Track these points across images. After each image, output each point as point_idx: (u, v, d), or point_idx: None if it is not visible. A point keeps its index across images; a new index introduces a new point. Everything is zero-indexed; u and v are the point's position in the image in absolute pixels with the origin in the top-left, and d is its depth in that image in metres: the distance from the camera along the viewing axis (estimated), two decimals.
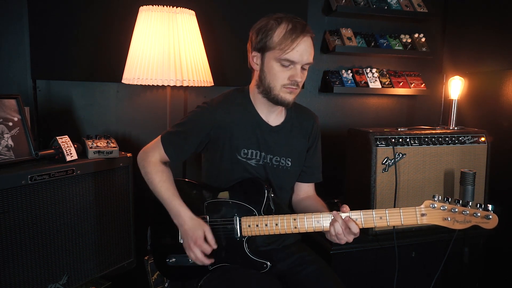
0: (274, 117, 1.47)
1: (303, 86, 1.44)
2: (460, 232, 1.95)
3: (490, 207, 1.17)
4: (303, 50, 1.31)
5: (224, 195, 1.42)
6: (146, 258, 1.89)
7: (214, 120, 1.40)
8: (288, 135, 1.49)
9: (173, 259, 1.44)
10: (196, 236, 1.32)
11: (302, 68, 1.35)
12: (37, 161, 1.75)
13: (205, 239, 1.33)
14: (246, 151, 1.43)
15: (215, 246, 1.34)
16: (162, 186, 1.39)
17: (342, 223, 1.24)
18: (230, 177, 1.44)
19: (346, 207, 1.27)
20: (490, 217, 1.16)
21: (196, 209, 1.38)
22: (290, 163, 1.48)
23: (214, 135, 1.42)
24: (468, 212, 1.18)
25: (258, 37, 1.35)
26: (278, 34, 1.31)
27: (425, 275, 2.00)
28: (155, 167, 1.42)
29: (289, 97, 1.37)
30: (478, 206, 1.18)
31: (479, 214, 1.17)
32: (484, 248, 2.14)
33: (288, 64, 1.32)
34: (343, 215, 1.25)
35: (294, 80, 1.33)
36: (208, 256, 1.34)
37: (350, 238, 1.25)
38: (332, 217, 1.26)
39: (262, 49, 1.35)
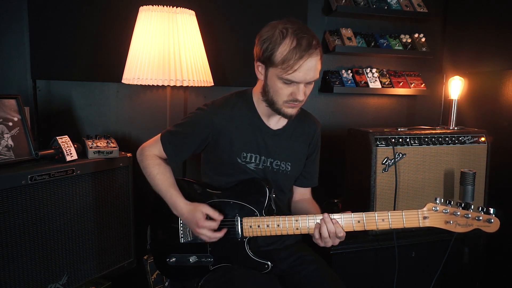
0: (276, 120, 1.47)
1: None
2: (461, 233, 1.94)
3: (492, 210, 1.17)
4: (306, 70, 1.26)
5: (218, 192, 1.42)
6: (145, 257, 1.89)
7: (214, 123, 1.40)
8: (289, 139, 1.49)
9: (173, 259, 1.44)
10: (196, 219, 1.31)
11: (308, 83, 1.32)
12: (37, 161, 1.75)
13: (208, 217, 1.33)
14: (245, 154, 1.42)
15: (220, 217, 1.33)
16: (160, 178, 1.40)
17: (331, 227, 1.24)
18: (229, 179, 1.44)
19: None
20: (492, 220, 1.16)
21: None
22: (290, 167, 1.48)
23: (213, 138, 1.42)
24: (470, 215, 1.18)
25: (262, 48, 1.30)
26: (282, 52, 1.25)
27: (425, 275, 2.00)
28: (153, 160, 1.43)
29: (291, 111, 1.36)
30: (480, 209, 1.18)
31: (481, 218, 1.17)
32: (484, 248, 2.14)
33: (290, 82, 1.29)
34: (335, 216, 1.25)
35: (295, 98, 1.31)
36: (218, 230, 1.33)
37: (336, 242, 1.26)
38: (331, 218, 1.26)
39: (266, 63, 1.32)
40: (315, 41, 1.27)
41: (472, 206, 1.19)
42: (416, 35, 2.62)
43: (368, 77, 2.58)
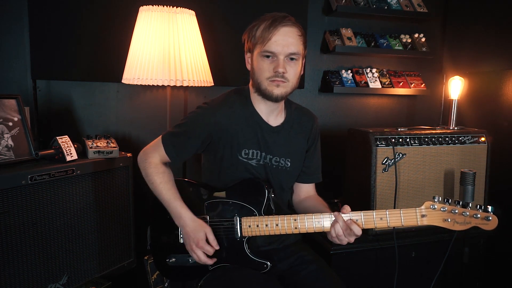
0: (274, 117, 1.47)
1: (302, 86, 1.44)
2: (460, 232, 1.94)
3: (490, 208, 1.17)
4: (281, 40, 1.31)
5: (220, 194, 1.42)
6: (146, 258, 1.89)
7: (214, 121, 1.40)
8: (288, 135, 1.49)
9: (173, 259, 1.44)
10: (198, 238, 1.32)
11: (290, 59, 1.34)
12: (37, 161, 1.75)
13: (207, 240, 1.33)
14: (247, 151, 1.43)
15: (217, 247, 1.34)
16: (164, 187, 1.39)
17: (343, 225, 1.24)
18: (231, 177, 1.44)
19: (347, 208, 1.27)
20: (490, 218, 1.16)
21: (197, 209, 1.38)
22: (289, 164, 1.48)
23: (214, 136, 1.42)
24: (468, 213, 1.18)
25: (248, 37, 1.40)
26: (260, 30, 1.35)
27: (425, 275, 2.00)
28: (156, 168, 1.41)
29: (276, 90, 1.35)
30: (478, 207, 1.18)
31: (479, 216, 1.17)
32: (484, 248, 2.14)
33: (269, 55, 1.33)
34: (344, 216, 1.25)
35: (277, 71, 1.33)
36: (210, 256, 1.34)
37: (351, 239, 1.25)
38: (333, 218, 1.26)
39: (251, 49, 1.39)
40: (291, 18, 1.35)
41: (470, 204, 1.19)
42: (416, 35, 2.62)
43: (368, 77, 2.58)
